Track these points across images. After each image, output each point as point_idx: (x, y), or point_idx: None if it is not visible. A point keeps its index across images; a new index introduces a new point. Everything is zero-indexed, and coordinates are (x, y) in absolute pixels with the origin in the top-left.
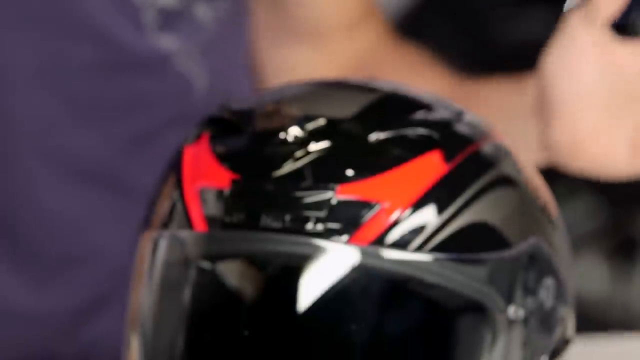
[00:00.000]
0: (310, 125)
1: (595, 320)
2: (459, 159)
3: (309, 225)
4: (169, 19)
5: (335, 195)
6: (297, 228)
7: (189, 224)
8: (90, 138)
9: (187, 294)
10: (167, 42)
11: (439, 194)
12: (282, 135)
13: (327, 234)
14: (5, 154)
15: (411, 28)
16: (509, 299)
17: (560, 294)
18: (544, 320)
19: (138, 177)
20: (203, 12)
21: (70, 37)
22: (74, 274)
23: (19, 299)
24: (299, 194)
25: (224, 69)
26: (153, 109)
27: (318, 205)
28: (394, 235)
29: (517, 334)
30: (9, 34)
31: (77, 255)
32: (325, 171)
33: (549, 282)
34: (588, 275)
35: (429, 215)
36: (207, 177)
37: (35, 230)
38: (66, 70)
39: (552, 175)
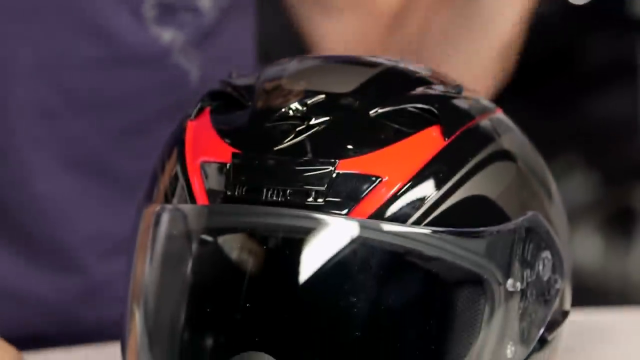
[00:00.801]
0: (311, 101)
1: (593, 292)
2: (458, 133)
3: (310, 199)
4: (169, 11)
5: (336, 169)
6: (298, 202)
7: (191, 197)
8: (84, 128)
9: (189, 267)
10: (167, 35)
11: (438, 168)
12: (283, 110)
13: (328, 208)
14: (0, 142)
15: None
16: (507, 272)
17: (557, 267)
18: (542, 293)
19: (130, 167)
20: (204, 2)
21: (70, 30)
22: (67, 258)
23: (17, 281)
24: (299, 168)
25: (225, 57)
26: (148, 100)
27: (318, 179)
28: (393, 208)
29: (515, 306)
30: (9, 26)
31: (69, 240)
32: (326, 146)
33: (546, 255)
34: (583, 246)
35: (428, 189)
36: (208, 152)
37: (28, 215)
38: (65, 63)
39: (550, 150)
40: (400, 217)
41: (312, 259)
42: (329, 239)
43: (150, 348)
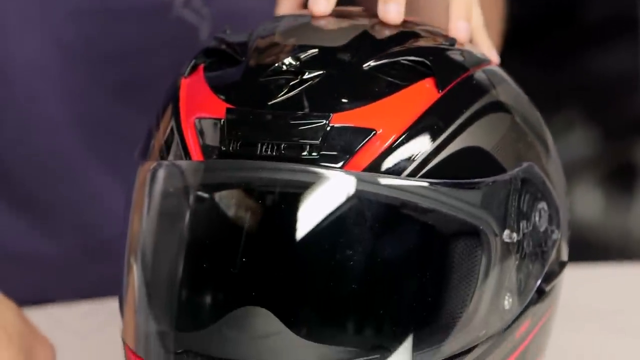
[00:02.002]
0: (304, 55)
1: (593, 248)
2: (452, 85)
3: (304, 153)
4: None
5: (330, 122)
6: (293, 156)
7: (186, 154)
8: (84, 83)
9: (185, 222)
10: None
11: (433, 120)
12: (276, 65)
13: (322, 161)
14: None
15: None
16: (503, 223)
17: (554, 218)
18: (538, 244)
19: (134, 123)
20: None
21: None
22: (69, 217)
23: (18, 241)
24: (294, 122)
25: (239, 13)
26: (150, 55)
27: (313, 133)
28: (388, 161)
29: (512, 257)
30: None
31: (71, 199)
32: (320, 99)
33: (542, 206)
34: (584, 202)
35: (422, 141)
36: (203, 108)
37: (29, 173)
38: (59, 16)
39: (550, 105)
40: (395, 170)
41: (307, 213)
42: (324, 192)
43: (148, 304)
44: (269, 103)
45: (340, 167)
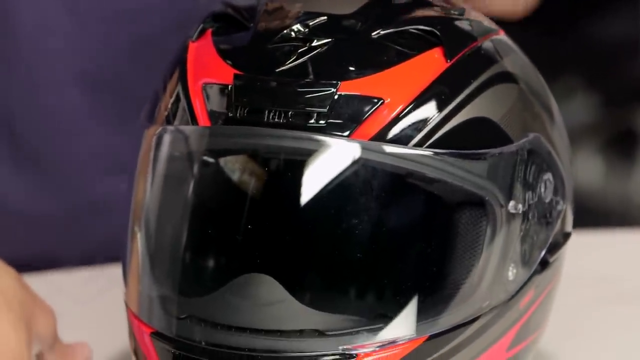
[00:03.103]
0: (313, 22)
1: (594, 214)
2: (460, 55)
3: (311, 121)
4: None
5: (338, 91)
6: (300, 123)
7: (192, 119)
8: (91, 41)
9: (190, 188)
10: None
11: (440, 90)
12: (285, 32)
13: (329, 129)
14: (6, 57)
15: None
16: (509, 194)
17: (559, 189)
18: (543, 215)
19: (140, 82)
20: None
21: None
22: (73, 175)
23: (20, 199)
24: (301, 89)
25: None
26: (157, 13)
27: (320, 101)
28: (395, 130)
29: (516, 228)
30: None
31: (76, 157)
32: (328, 67)
33: (548, 177)
34: (584, 168)
35: (430, 111)
36: (210, 73)
37: (34, 131)
38: None
39: (551, 71)
40: (402, 139)
41: (313, 181)
42: (330, 160)
43: (152, 269)
44: (277, 70)
45: (347, 136)
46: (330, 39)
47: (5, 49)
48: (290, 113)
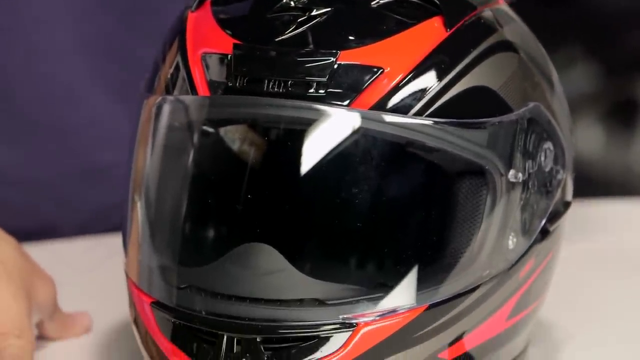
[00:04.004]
0: None
1: (594, 183)
2: (460, 24)
3: (311, 90)
4: None
5: (337, 60)
6: (299, 93)
7: (192, 88)
8: (91, 8)
9: (190, 158)
10: None
11: (440, 59)
12: (284, 1)
13: (329, 99)
14: (4, 24)
15: None
16: (509, 163)
17: (559, 158)
18: (543, 184)
19: (139, 49)
20: None
21: None
22: (71, 144)
23: (16, 168)
24: (301, 59)
25: None
26: None
27: (320, 70)
28: (394, 99)
29: (517, 197)
30: None
31: (73, 125)
32: (327, 37)
33: (548, 146)
34: (585, 138)
35: (429, 80)
36: (209, 43)
37: (33, 99)
38: None
39: (551, 41)
40: (401, 108)
41: (313, 150)
42: (330, 130)
43: (152, 238)
44: (276, 39)
45: (347, 105)
46: (329, 8)
47: (4, 16)
48: (289, 82)
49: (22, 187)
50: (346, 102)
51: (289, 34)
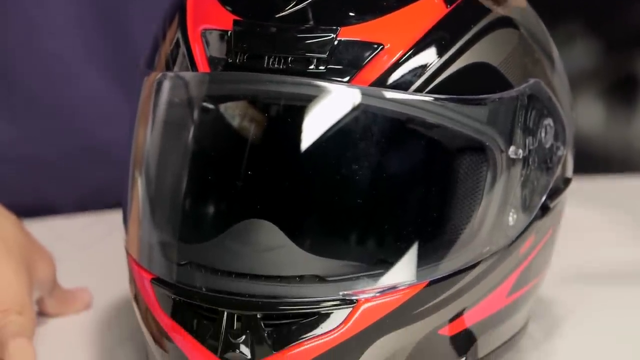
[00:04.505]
0: None
1: (595, 160)
2: (460, 0)
3: (311, 67)
4: None
5: (337, 36)
6: (299, 69)
7: (192, 65)
8: None
9: (190, 134)
10: None
11: (440, 35)
12: None
13: (329, 75)
14: (3, 1)
15: None
16: (509, 139)
17: (559, 134)
18: (544, 160)
19: (139, 27)
20: None
21: None
22: (70, 121)
23: (16, 146)
24: (301, 35)
25: None
26: None
27: (320, 47)
28: (395, 76)
29: (517, 173)
30: None
31: (73, 103)
32: (328, 13)
33: (548, 122)
34: (585, 114)
35: (430, 57)
36: (209, 19)
37: (32, 76)
38: None
39: (551, 17)
40: (402, 85)
41: (313, 126)
42: (330, 106)
43: (152, 215)
44: (277, 16)
45: (347, 82)
46: None
47: None
48: (290, 59)
49: (22, 165)
50: (346, 79)
51: (289, 10)
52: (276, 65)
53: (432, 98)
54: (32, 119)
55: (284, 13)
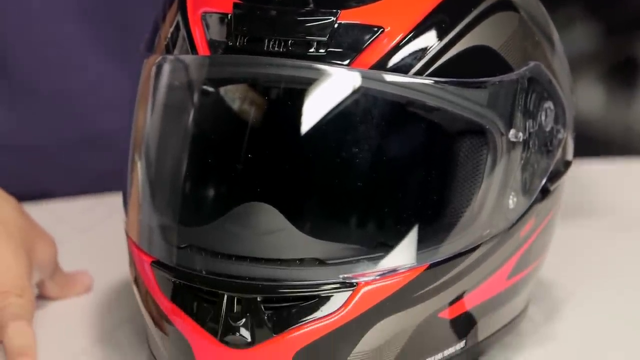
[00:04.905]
0: None
1: (595, 143)
2: None
3: (311, 50)
4: None
5: (338, 19)
6: (300, 52)
7: (192, 48)
8: None
9: (190, 117)
10: None
11: (440, 18)
12: None
13: (329, 58)
14: None
15: None
16: (509, 122)
17: (560, 117)
18: (544, 144)
19: (137, 10)
20: None
21: None
22: (69, 109)
23: (16, 133)
24: (301, 18)
25: None
26: None
27: (320, 30)
28: (395, 59)
29: (517, 156)
30: None
31: (71, 88)
32: None
33: (549, 105)
34: (585, 97)
35: (430, 40)
36: (209, 2)
37: (30, 64)
38: None
39: (552, 1)
40: (402, 68)
41: (313, 110)
42: (330, 89)
43: (152, 199)
44: None
45: (347, 65)
46: None
47: None
48: (290, 42)
49: (22, 152)
50: (346, 62)
51: None
52: (276, 48)
53: (432, 81)
54: (32, 107)
55: None
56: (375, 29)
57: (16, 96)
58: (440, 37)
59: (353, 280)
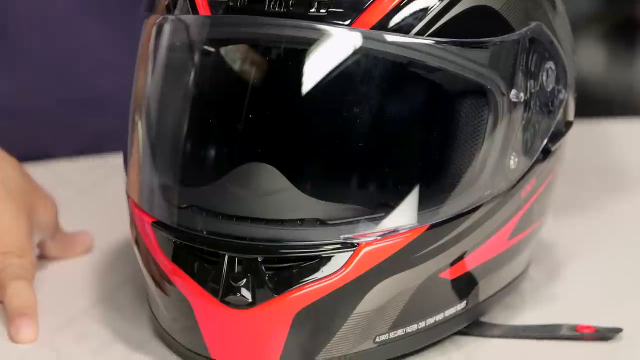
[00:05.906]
0: None
1: (596, 103)
2: None
3: (312, 10)
4: None
5: None
6: (300, 12)
7: (192, 8)
8: None
9: (191, 78)
10: None
11: None
12: None
13: (330, 18)
14: None
15: None
16: (511, 83)
17: (561, 77)
18: (545, 104)
19: None
20: None
21: None
22: (67, 71)
23: (14, 96)
24: None
25: None
26: None
27: None
28: (396, 19)
29: (518, 117)
30: None
31: (68, 51)
32: None
33: (550, 65)
34: (587, 57)
35: (431, 0)
36: None
37: (28, 29)
38: None
39: None
40: (403, 28)
41: (314, 70)
42: (331, 49)
43: (153, 159)
44: None
45: (348, 25)
46: None
47: None
48: (290, 2)
49: (22, 113)
50: (347, 22)
51: None
52: (277, 9)
53: (433, 41)
54: (31, 68)
55: None
56: None
57: (16, 58)
58: None
59: (354, 241)
